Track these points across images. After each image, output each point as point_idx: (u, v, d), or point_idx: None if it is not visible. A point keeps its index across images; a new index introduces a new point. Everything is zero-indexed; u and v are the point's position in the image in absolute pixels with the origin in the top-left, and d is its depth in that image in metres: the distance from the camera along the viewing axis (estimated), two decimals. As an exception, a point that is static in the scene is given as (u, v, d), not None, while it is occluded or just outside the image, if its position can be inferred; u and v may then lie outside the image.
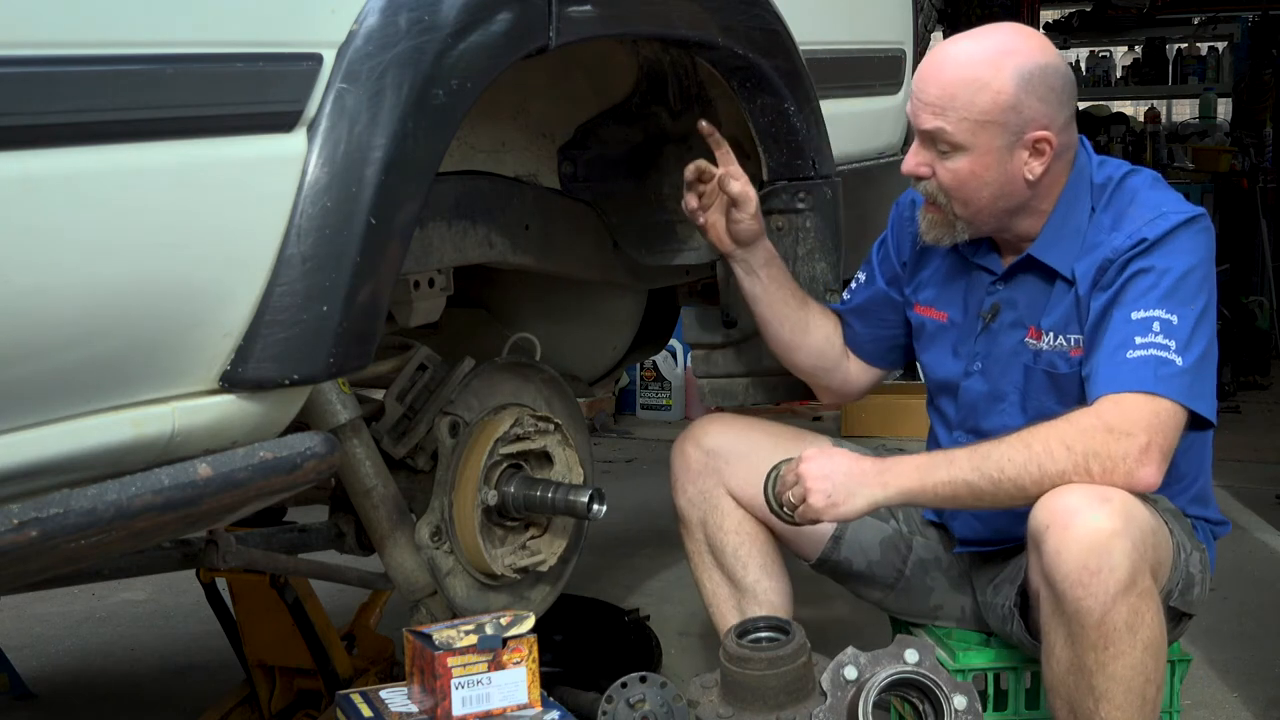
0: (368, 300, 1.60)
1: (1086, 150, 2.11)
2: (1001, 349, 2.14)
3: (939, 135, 2.00)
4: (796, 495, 2.00)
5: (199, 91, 1.42)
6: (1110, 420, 1.89)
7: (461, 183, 2.12)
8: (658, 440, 5.25)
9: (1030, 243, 2.09)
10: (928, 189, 2.06)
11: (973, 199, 2.03)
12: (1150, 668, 1.86)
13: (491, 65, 1.71)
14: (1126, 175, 2.09)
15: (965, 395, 2.19)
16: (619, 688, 1.98)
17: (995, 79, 1.96)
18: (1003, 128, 1.98)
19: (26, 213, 1.29)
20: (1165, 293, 1.95)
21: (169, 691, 3.05)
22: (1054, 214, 2.07)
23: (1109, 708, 1.86)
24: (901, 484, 1.96)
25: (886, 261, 2.33)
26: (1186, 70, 7.38)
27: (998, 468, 1.91)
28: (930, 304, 2.26)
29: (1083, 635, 1.84)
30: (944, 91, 1.98)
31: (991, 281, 2.16)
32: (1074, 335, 2.06)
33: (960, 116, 1.97)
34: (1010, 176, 2.01)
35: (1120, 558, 1.81)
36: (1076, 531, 1.82)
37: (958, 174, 2.01)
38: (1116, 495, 1.86)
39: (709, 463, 2.31)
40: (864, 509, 1.98)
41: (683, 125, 2.44)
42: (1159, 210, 2.01)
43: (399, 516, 2.13)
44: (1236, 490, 4.44)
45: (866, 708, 1.90)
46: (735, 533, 2.31)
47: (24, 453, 1.38)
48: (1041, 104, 1.98)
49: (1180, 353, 1.92)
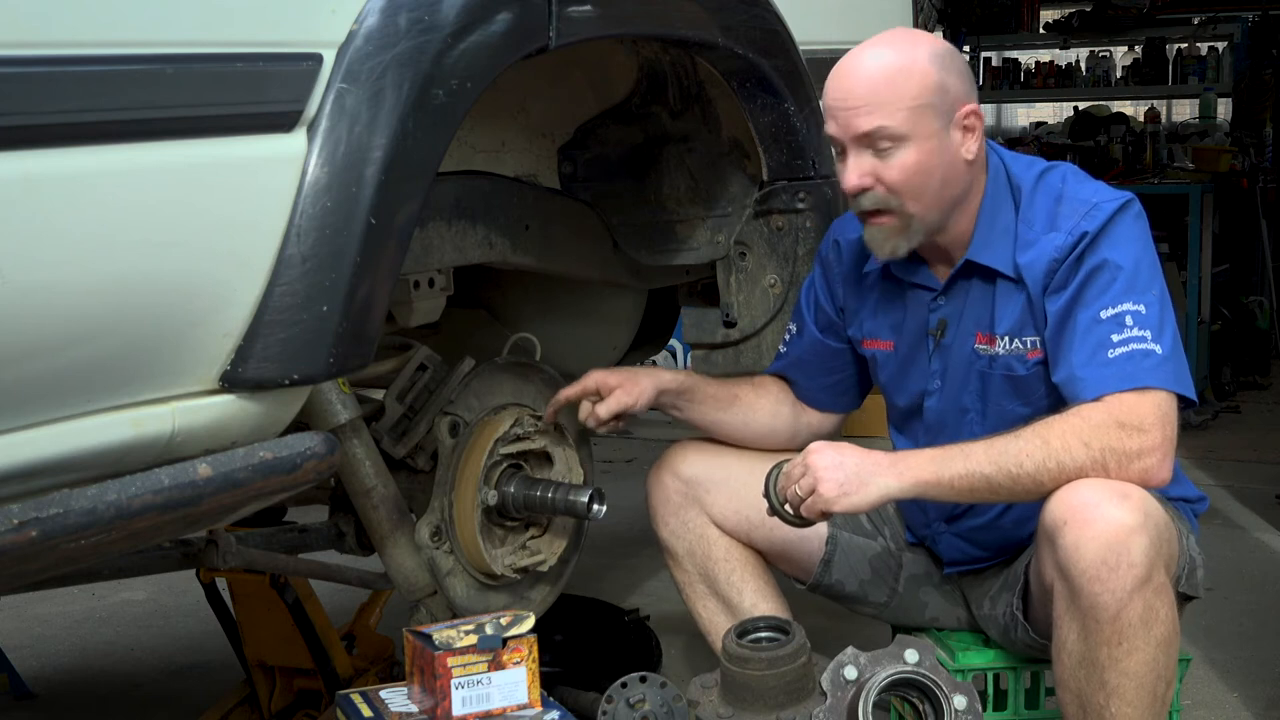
0: (368, 300, 1.60)
1: (997, 150, 2.12)
2: (957, 361, 2.13)
3: (879, 133, 1.97)
4: (805, 487, 1.95)
5: (199, 91, 1.43)
6: (1120, 416, 1.90)
7: (461, 183, 2.12)
8: (658, 440, 5.24)
9: (962, 250, 2.08)
10: (875, 198, 2.02)
11: (924, 190, 2.01)
12: (1162, 664, 1.86)
13: (491, 65, 1.72)
14: (1045, 172, 2.09)
15: (929, 415, 2.18)
16: (619, 688, 1.98)
17: (915, 64, 1.97)
18: (935, 109, 1.98)
19: (27, 212, 1.29)
20: (1126, 285, 1.96)
21: (169, 691, 3.05)
22: (981, 215, 2.06)
23: (1120, 703, 1.86)
24: (917, 475, 1.93)
25: (817, 310, 2.30)
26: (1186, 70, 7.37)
27: (1016, 462, 1.90)
28: (875, 336, 2.24)
29: (1097, 630, 1.84)
30: (871, 90, 1.97)
31: (933, 298, 2.14)
32: (1030, 337, 2.05)
33: (895, 107, 1.96)
34: (952, 159, 2.01)
35: (1139, 554, 1.81)
36: (1097, 526, 1.82)
37: (905, 167, 1.99)
38: (1134, 491, 1.86)
39: (688, 491, 2.30)
40: (876, 499, 1.94)
41: (683, 125, 2.44)
42: (1090, 202, 2.01)
43: (399, 516, 2.13)
44: (1236, 490, 4.44)
45: (866, 708, 1.90)
46: (725, 560, 2.30)
47: (24, 453, 1.38)
48: (960, 80, 2.00)
49: (1157, 340, 1.93)
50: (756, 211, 2.46)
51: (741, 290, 2.51)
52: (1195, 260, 5.89)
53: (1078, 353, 1.96)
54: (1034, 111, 9.38)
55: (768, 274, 2.48)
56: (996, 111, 9.13)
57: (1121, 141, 6.63)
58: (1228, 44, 7.33)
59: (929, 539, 2.29)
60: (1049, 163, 2.13)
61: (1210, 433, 5.36)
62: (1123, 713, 1.86)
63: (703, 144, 2.45)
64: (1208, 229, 6.01)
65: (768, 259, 2.48)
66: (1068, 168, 2.11)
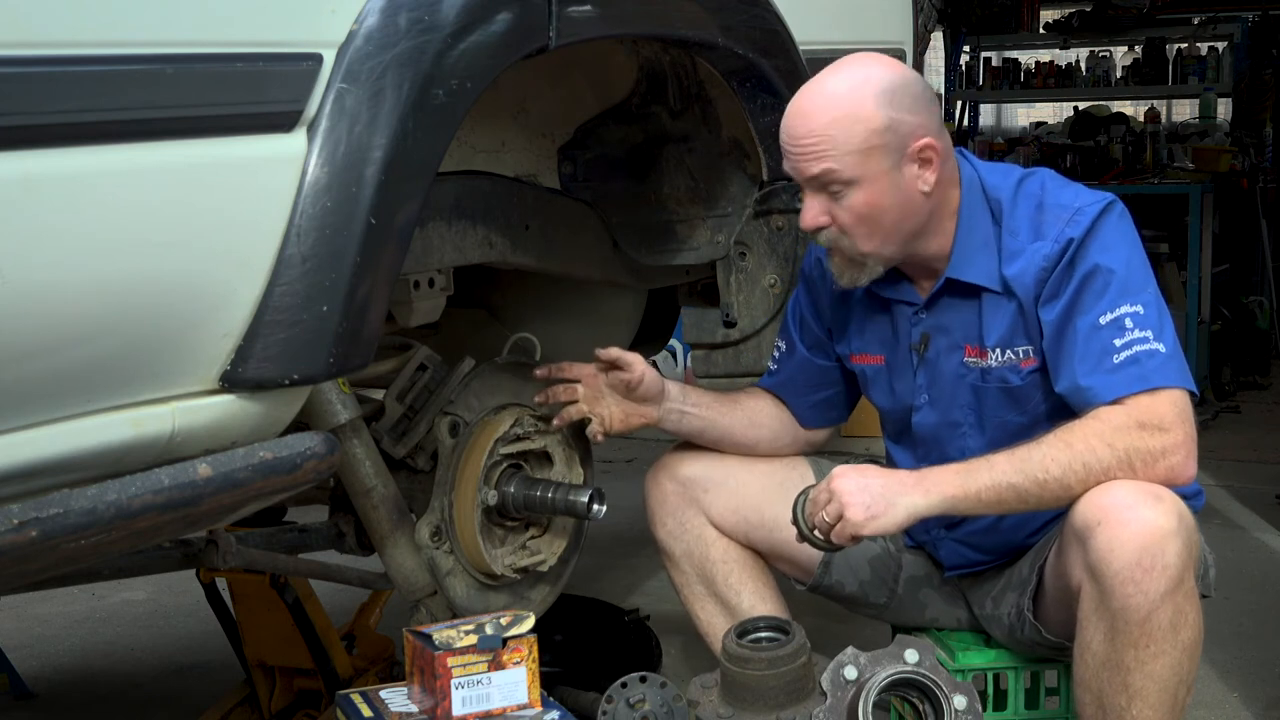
0: (368, 300, 1.60)
1: (969, 161, 2.10)
2: (944, 375, 2.13)
3: (827, 176, 1.97)
4: (832, 513, 1.93)
5: (199, 91, 1.43)
6: (1140, 417, 1.89)
7: (461, 183, 2.12)
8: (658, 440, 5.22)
9: (944, 264, 2.07)
10: (829, 237, 2.03)
11: (876, 229, 2.00)
12: (1186, 669, 1.86)
13: (491, 65, 1.72)
14: (1023, 179, 2.07)
15: (920, 429, 2.18)
16: (619, 688, 1.98)
17: (861, 107, 1.94)
18: (884, 149, 1.95)
19: (27, 212, 1.29)
20: (1120, 288, 1.95)
21: (169, 691, 3.05)
22: (959, 230, 2.05)
23: (1142, 706, 1.86)
24: (944, 490, 1.92)
25: (804, 329, 2.30)
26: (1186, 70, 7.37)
27: (1042, 468, 1.89)
28: (863, 351, 2.24)
29: (1125, 632, 1.84)
30: (819, 135, 1.95)
31: (914, 312, 2.13)
32: (1022, 347, 2.05)
33: (842, 152, 1.95)
34: (907, 195, 1.99)
35: (1173, 557, 1.81)
36: (1132, 529, 1.82)
37: (855, 210, 1.98)
38: (1167, 494, 1.86)
39: (686, 493, 2.30)
40: (904, 520, 1.92)
41: (683, 125, 2.44)
42: (1073, 207, 2.01)
43: (399, 516, 2.13)
44: (1236, 490, 4.44)
45: (866, 708, 1.90)
46: (723, 561, 2.30)
47: (24, 453, 1.38)
48: (912, 115, 1.97)
49: (1159, 339, 1.93)
50: (756, 211, 2.46)
51: (741, 290, 2.51)
52: (1195, 260, 5.89)
53: (1082, 361, 1.95)
54: (1034, 111, 9.38)
55: (768, 274, 2.48)
56: (997, 111, 9.14)
57: (1121, 141, 6.63)
58: (1228, 44, 7.33)
59: (929, 544, 2.28)
60: (1024, 170, 2.12)
61: (1210, 433, 5.37)
62: (1144, 715, 1.86)
63: (703, 144, 2.45)
64: (1208, 229, 6.02)
65: (768, 259, 2.48)
66: (1045, 173, 2.10)
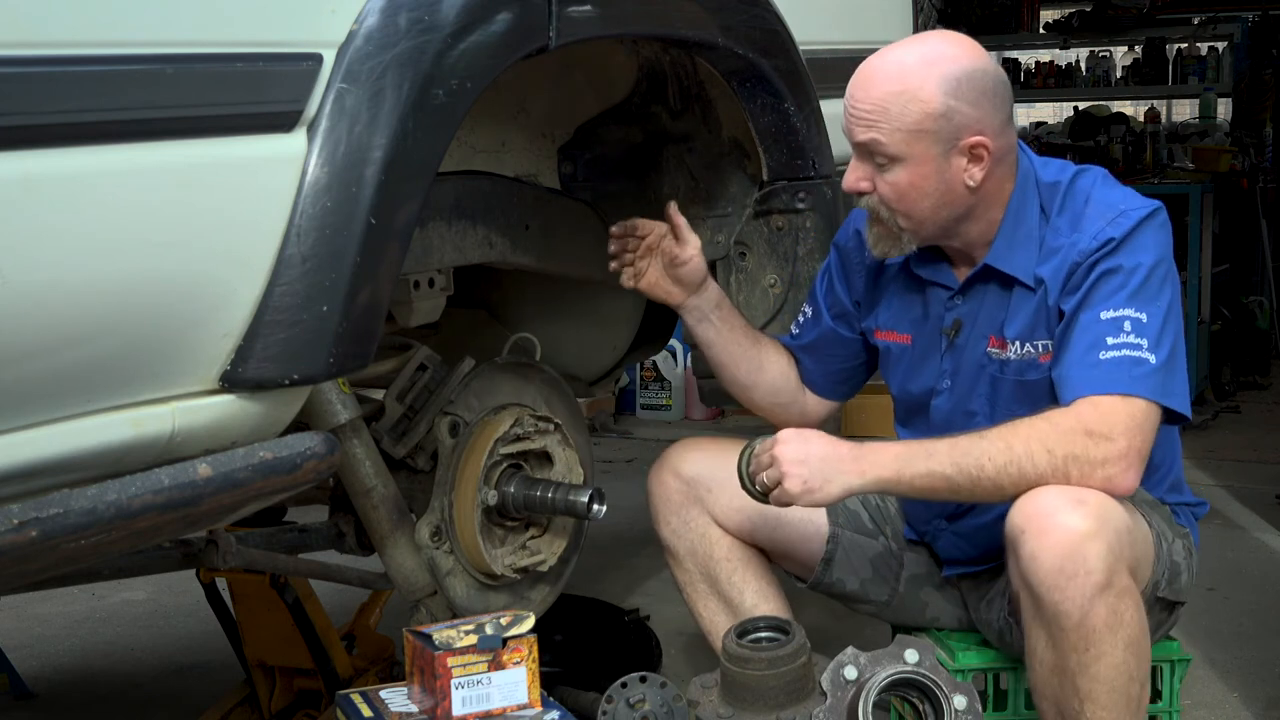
0: (368, 300, 1.60)
1: (1028, 154, 2.09)
2: (969, 363, 2.12)
3: (874, 147, 1.97)
4: (771, 478, 1.94)
5: (199, 91, 1.43)
6: (1089, 423, 1.88)
7: (461, 183, 2.12)
8: (658, 440, 5.25)
9: (984, 250, 2.07)
10: (870, 204, 2.03)
11: (914, 210, 2.00)
12: (1133, 666, 1.87)
13: (491, 65, 1.72)
14: (1076, 176, 2.07)
15: (936, 414, 2.17)
16: (619, 688, 1.98)
17: (922, 88, 1.94)
18: (935, 136, 1.95)
19: (27, 212, 1.29)
20: (1133, 291, 1.95)
21: (169, 691, 3.05)
22: (1005, 220, 2.04)
23: (1094, 708, 1.86)
24: (878, 473, 1.93)
25: (834, 299, 2.29)
26: (1186, 70, 7.37)
27: (977, 465, 1.89)
28: (891, 328, 2.23)
29: (1063, 637, 1.85)
30: (875, 104, 1.96)
31: (949, 296, 2.13)
32: (1042, 341, 2.04)
33: (893, 128, 1.95)
34: (950, 185, 1.99)
35: (1095, 560, 1.81)
36: (1052, 536, 1.82)
37: (897, 186, 1.98)
38: (1091, 496, 1.85)
39: (690, 491, 2.29)
40: (838, 496, 1.94)
41: (683, 125, 2.44)
42: (1119, 208, 2.00)
43: (399, 516, 2.13)
44: (1236, 490, 4.44)
45: (866, 708, 1.90)
46: (727, 560, 2.29)
47: (24, 453, 1.38)
48: (973, 109, 1.95)
49: (1153, 350, 1.92)
50: (756, 211, 2.46)
51: (741, 290, 2.52)
52: (1195, 260, 5.89)
53: (1072, 350, 1.96)
54: (1034, 111, 9.37)
55: (768, 274, 2.48)
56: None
57: (1121, 141, 6.63)
58: (1228, 44, 7.33)
59: (929, 535, 2.28)
60: (1079, 166, 2.11)
61: (1210, 433, 5.37)
62: (1098, 716, 1.87)
63: (703, 144, 2.45)
64: (1208, 229, 6.02)
65: (768, 259, 2.48)
66: (1099, 172, 2.10)
